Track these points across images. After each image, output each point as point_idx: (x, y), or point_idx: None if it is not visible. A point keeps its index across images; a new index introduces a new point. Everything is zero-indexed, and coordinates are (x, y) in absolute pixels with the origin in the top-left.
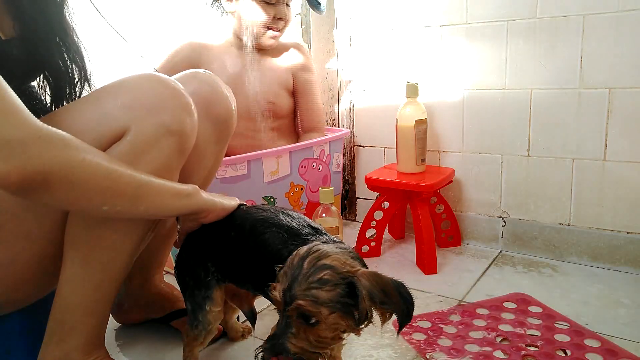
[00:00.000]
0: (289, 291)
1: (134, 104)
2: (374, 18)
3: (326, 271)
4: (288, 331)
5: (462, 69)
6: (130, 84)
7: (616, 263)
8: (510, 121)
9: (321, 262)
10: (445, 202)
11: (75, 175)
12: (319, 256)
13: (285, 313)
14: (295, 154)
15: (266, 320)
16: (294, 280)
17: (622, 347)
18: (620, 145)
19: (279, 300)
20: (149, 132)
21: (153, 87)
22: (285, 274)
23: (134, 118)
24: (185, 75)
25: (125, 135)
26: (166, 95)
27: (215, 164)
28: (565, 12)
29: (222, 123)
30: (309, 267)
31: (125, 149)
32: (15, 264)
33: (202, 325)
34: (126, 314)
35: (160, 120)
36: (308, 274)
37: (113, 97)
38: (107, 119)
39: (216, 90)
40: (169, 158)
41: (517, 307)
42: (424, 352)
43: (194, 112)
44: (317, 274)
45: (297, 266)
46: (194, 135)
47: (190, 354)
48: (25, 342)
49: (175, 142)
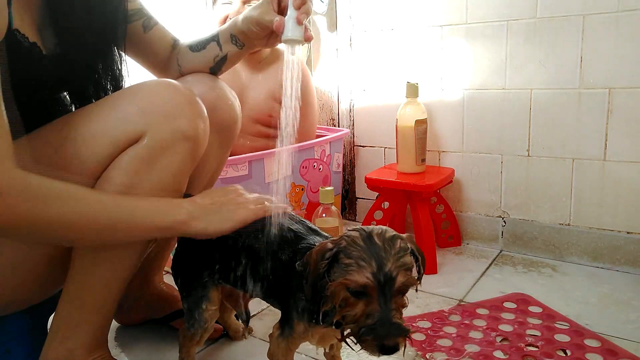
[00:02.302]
0: (381, 270)
1: (150, 109)
2: (374, 18)
3: (398, 240)
4: (391, 308)
5: (462, 69)
6: (146, 89)
7: (616, 263)
8: (510, 121)
9: (388, 234)
10: (445, 202)
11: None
12: (381, 232)
13: (385, 292)
14: (296, 155)
15: (266, 320)
16: (379, 259)
17: (622, 347)
18: (620, 145)
19: (372, 284)
20: (165, 137)
21: (169, 93)
22: (360, 259)
23: (150, 123)
24: (191, 80)
25: (142, 139)
26: (181, 101)
27: (218, 168)
28: (565, 12)
29: (225, 128)
30: (383, 243)
31: (141, 153)
32: (25, 265)
33: (199, 324)
34: (126, 314)
35: (176, 125)
36: (388, 249)
37: (129, 102)
38: (124, 123)
39: (221, 95)
40: (183, 163)
41: (517, 307)
42: (424, 352)
43: (206, 118)
44: (394, 245)
45: (369, 247)
46: (206, 141)
47: (187, 354)
48: (25, 342)
49: (189, 147)
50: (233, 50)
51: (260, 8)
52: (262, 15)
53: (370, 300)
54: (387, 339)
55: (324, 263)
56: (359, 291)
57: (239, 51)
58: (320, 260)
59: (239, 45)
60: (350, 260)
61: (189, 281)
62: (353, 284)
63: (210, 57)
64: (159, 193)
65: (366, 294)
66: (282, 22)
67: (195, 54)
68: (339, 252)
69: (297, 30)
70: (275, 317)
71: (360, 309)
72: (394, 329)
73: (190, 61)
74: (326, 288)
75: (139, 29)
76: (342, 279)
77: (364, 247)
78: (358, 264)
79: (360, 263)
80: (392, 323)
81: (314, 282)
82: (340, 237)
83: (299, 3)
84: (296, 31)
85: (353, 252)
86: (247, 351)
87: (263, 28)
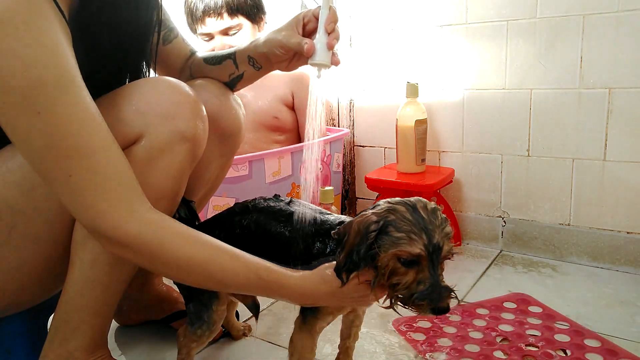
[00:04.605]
0: (431, 242)
1: (148, 109)
2: (374, 18)
3: (438, 212)
4: (439, 274)
5: (462, 69)
6: (143, 88)
7: (616, 263)
8: (510, 121)
9: (430, 206)
10: (445, 202)
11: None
12: (424, 204)
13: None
14: (297, 155)
15: (266, 321)
16: (428, 231)
17: (622, 347)
18: (620, 145)
19: (424, 254)
20: (163, 138)
21: (167, 92)
22: (412, 233)
23: (148, 124)
24: (194, 86)
25: (140, 141)
26: (180, 101)
27: (219, 176)
28: (565, 12)
29: (228, 137)
30: (428, 215)
31: (140, 154)
32: (25, 267)
33: (207, 325)
34: (126, 315)
35: (175, 126)
36: (434, 220)
37: (127, 102)
38: (121, 124)
39: (224, 103)
40: (182, 164)
41: (517, 307)
42: (424, 352)
43: (206, 119)
44: (438, 217)
45: (418, 220)
46: (205, 141)
47: (187, 355)
48: (25, 342)
49: (188, 149)
50: (250, 70)
51: (285, 31)
52: (288, 38)
53: (421, 269)
54: (441, 302)
55: (373, 235)
56: (411, 261)
57: (256, 72)
58: (364, 231)
59: (256, 67)
60: (401, 234)
61: None
62: (407, 255)
63: (226, 73)
64: (158, 195)
65: (417, 263)
66: (313, 46)
67: (210, 67)
68: (387, 224)
69: (327, 54)
70: (276, 317)
71: (412, 277)
72: (445, 291)
73: (203, 74)
74: (375, 259)
75: (159, 41)
76: (396, 250)
77: (413, 221)
78: (409, 237)
79: (411, 236)
80: (443, 287)
81: (351, 250)
82: (385, 210)
83: (331, 28)
84: (326, 55)
85: (404, 225)
86: (248, 351)
87: (287, 51)
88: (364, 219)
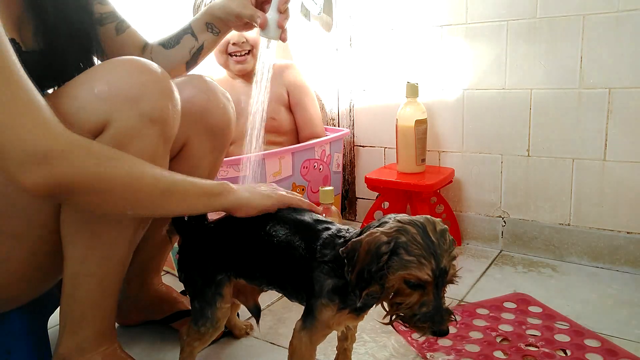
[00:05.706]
0: (438, 267)
1: (111, 93)
2: (374, 18)
3: (447, 234)
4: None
5: (462, 69)
6: (105, 71)
7: (616, 263)
8: (510, 121)
9: (439, 228)
10: (445, 202)
11: (97, 185)
12: (434, 226)
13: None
14: (298, 155)
15: (266, 321)
16: (437, 256)
17: (622, 347)
18: (620, 145)
19: (430, 280)
20: (130, 123)
21: (130, 73)
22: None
23: (113, 110)
24: (179, 81)
25: (107, 129)
26: (144, 81)
27: (211, 173)
28: (565, 12)
29: (218, 133)
30: (438, 239)
31: (108, 143)
32: (8, 263)
33: (211, 323)
34: (126, 315)
35: (141, 109)
36: (442, 245)
37: (88, 88)
38: (86, 113)
39: (212, 98)
40: (154, 147)
41: (517, 307)
42: (424, 352)
43: (175, 97)
44: (446, 240)
45: (428, 244)
46: (177, 121)
47: (190, 354)
48: (25, 342)
49: (158, 131)
50: (209, 38)
51: (238, 0)
52: (242, 9)
53: (426, 292)
54: (442, 325)
55: (385, 257)
56: (417, 284)
57: (215, 38)
58: (374, 251)
59: (215, 32)
60: (411, 258)
61: (201, 279)
62: (414, 279)
63: (186, 50)
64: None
65: (422, 287)
66: (266, 20)
67: (170, 50)
68: (397, 246)
69: (277, 31)
70: (276, 317)
71: (416, 299)
72: (445, 314)
73: (165, 58)
74: (382, 278)
75: (112, 31)
76: (405, 273)
77: (423, 245)
78: (419, 261)
79: (421, 261)
80: (444, 309)
81: (362, 269)
82: (396, 230)
83: (284, 8)
84: (276, 32)
85: (414, 249)
86: (248, 351)
87: (240, 20)
88: (374, 238)
